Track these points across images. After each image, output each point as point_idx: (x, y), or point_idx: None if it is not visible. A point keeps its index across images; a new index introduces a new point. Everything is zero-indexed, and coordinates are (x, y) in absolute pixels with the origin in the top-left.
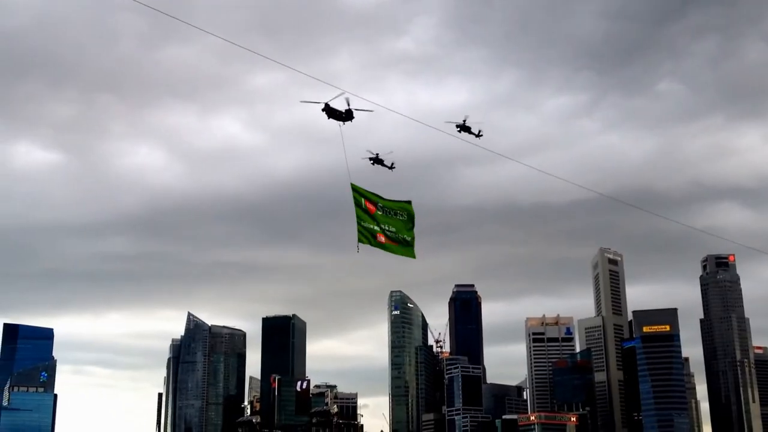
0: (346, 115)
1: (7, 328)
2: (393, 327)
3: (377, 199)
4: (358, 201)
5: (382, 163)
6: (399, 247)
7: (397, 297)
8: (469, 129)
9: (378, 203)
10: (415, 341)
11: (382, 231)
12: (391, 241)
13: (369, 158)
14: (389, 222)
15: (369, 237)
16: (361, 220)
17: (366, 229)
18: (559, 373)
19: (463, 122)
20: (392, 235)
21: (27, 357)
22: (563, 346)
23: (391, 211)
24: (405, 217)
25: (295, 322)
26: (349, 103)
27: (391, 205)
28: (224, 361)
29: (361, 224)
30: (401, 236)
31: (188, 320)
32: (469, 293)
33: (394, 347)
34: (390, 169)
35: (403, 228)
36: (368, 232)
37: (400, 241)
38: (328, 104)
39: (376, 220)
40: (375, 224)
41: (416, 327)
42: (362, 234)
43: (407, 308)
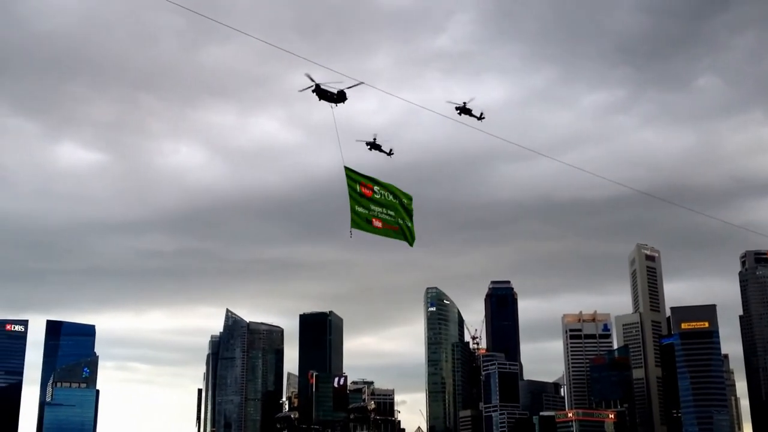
0: (338, 96)
1: (50, 324)
2: (429, 323)
3: (374, 183)
4: (352, 185)
5: (379, 148)
6: (397, 232)
7: (433, 293)
8: (470, 111)
9: (375, 187)
10: (452, 338)
11: (378, 216)
12: (389, 226)
13: (366, 143)
14: (387, 206)
15: (363, 222)
16: (355, 205)
17: (360, 214)
18: (597, 369)
19: (463, 104)
20: (390, 220)
21: (70, 353)
22: (600, 343)
23: (390, 195)
24: (406, 201)
25: (332, 318)
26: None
27: (390, 188)
28: (262, 358)
29: (355, 209)
30: (400, 221)
31: (227, 317)
32: (505, 289)
33: (430, 344)
34: (388, 155)
35: (402, 213)
36: (363, 217)
37: (400, 225)
38: (319, 85)
39: (372, 204)
40: (371, 209)
41: (452, 323)
42: (356, 219)
43: (443, 305)
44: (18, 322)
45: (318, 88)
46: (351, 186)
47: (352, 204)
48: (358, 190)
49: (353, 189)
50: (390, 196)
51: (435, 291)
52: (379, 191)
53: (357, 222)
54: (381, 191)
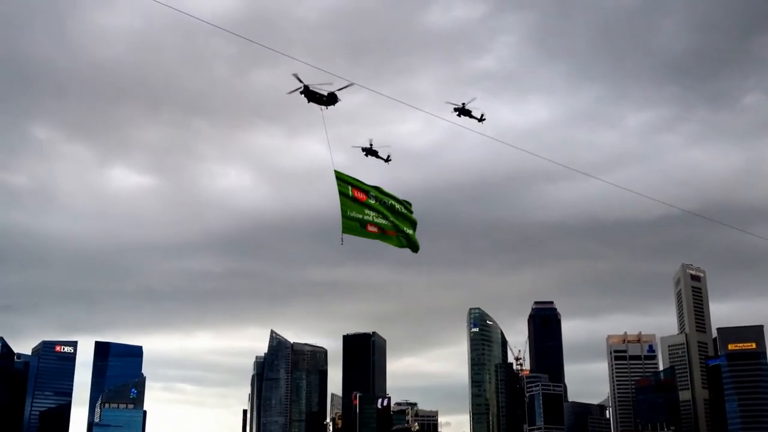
0: (328, 98)
1: (98, 346)
2: (472, 344)
3: (368, 188)
4: (344, 189)
5: (376, 154)
6: (394, 238)
7: (476, 314)
8: (469, 113)
9: (369, 192)
10: (495, 358)
11: (373, 221)
12: (385, 231)
13: (362, 148)
14: (382, 211)
15: (357, 227)
16: (347, 210)
17: (353, 218)
18: (642, 391)
19: (462, 105)
20: (386, 225)
21: (118, 374)
22: (646, 364)
23: (387, 202)
24: (404, 210)
25: (376, 339)
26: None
27: (386, 193)
28: (306, 378)
29: (347, 213)
30: (399, 227)
31: (271, 338)
32: (548, 310)
33: (473, 364)
34: (386, 161)
35: (400, 220)
36: (356, 222)
37: (399, 231)
38: (308, 87)
39: (367, 208)
40: (365, 213)
41: (496, 344)
42: (348, 223)
43: (486, 325)
44: (68, 344)
45: (307, 90)
46: (342, 190)
47: (344, 208)
48: (350, 194)
49: (345, 193)
50: (386, 201)
51: (478, 311)
52: (374, 196)
53: (349, 227)
54: (376, 195)
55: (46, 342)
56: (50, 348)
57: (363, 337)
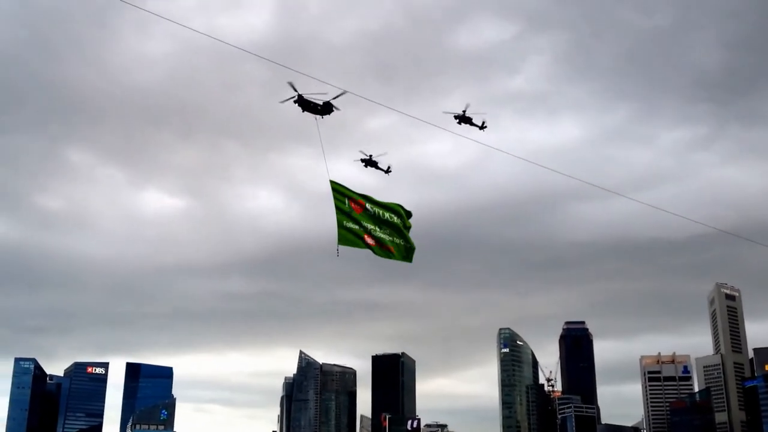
0: (323, 108)
1: (129, 367)
2: (503, 365)
3: (366, 199)
4: (341, 200)
5: (376, 165)
6: (392, 253)
7: (506, 334)
8: (470, 120)
9: (366, 204)
10: (526, 380)
11: (370, 233)
12: (383, 245)
13: (361, 159)
14: (380, 223)
15: (353, 239)
16: (343, 221)
17: (349, 230)
18: (677, 413)
19: (462, 112)
20: (385, 239)
21: (148, 395)
22: (681, 386)
23: (384, 213)
24: (399, 220)
25: (405, 360)
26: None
27: (385, 204)
28: (335, 400)
29: (343, 224)
30: (396, 240)
31: (300, 358)
32: (580, 330)
33: (504, 386)
34: (386, 172)
35: (397, 231)
36: (352, 234)
37: (396, 244)
38: (301, 96)
39: (364, 220)
40: (362, 224)
41: (526, 365)
42: (345, 235)
43: (517, 346)
44: (99, 365)
45: (301, 99)
46: (338, 201)
47: (340, 219)
48: (346, 205)
49: (341, 204)
50: (384, 213)
51: (508, 332)
52: (372, 208)
53: (345, 238)
54: (373, 208)
55: (78, 363)
56: (82, 369)
57: (392, 358)
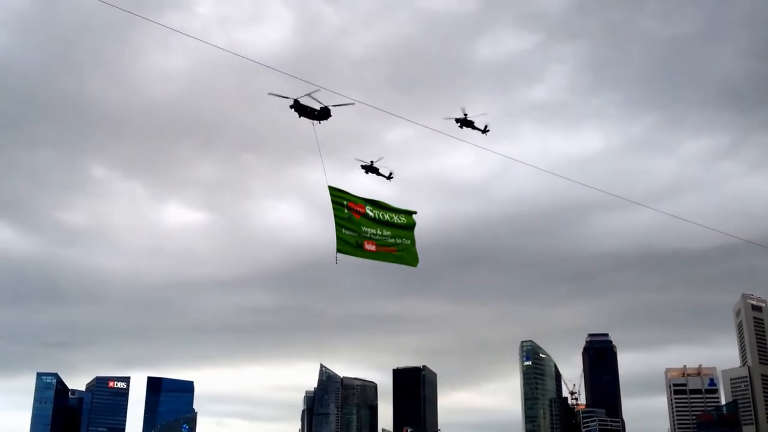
0: (320, 113)
1: (151, 381)
2: (525, 378)
3: (365, 203)
4: (339, 205)
5: (377, 171)
6: (394, 255)
7: (528, 347)
8: (471, 124)
9: (366, 207)
10: (549, 393)
11: (370, 238)
12: (384, 248)
13: (361, 166)
14: (381, 226)
15: (352, 246)
16: (342, 227)
17: (348, 237)
18: (704, 426)
19: (464, 116)
20: (386, 242)
21: (169, 409)
22: (707, 398)
23: (385, 215)
24: (403, 221)
25: (426, 373)
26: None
27: (386, 206)
28: (356, 413)
29: (342, 231)
30: (398, 241)
31: (321, 372)
32: (603, 342)
33: (527, 399)
34: (388, 179)
35: (400, 232)
36: (352, 241)
37: (398, 246)
38: (297, 101)
39: (364, 225)
40: (361, 230)
41: (549, 378)
42: (343, 243)
43: (539, 358)
44: (120, 379)
45: (297, 104)
46: (337, 207)
47: (338, 227)
48: (345, 211)
49: (339, 210)
50: (386, 215)
51: (530, 344)
52: (372, 211)
53: (344, 247)
54: (374, 211)
55: (100, 378)
56: (103, 384)
57: (413, 371)
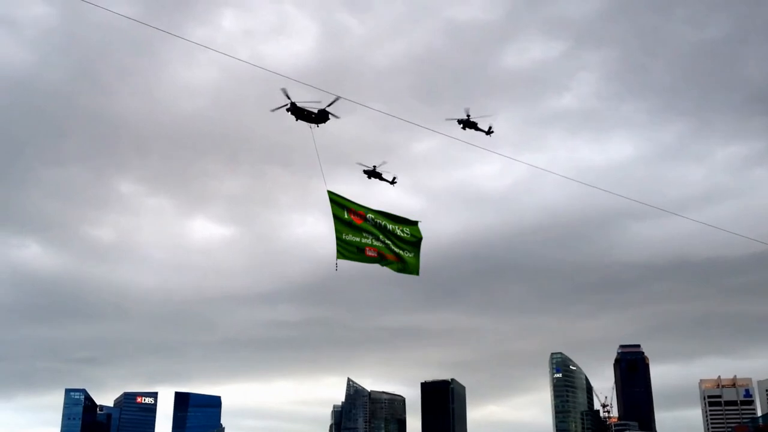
0: (318, 116)
1: (178, 396)
2: (556, 391)
3: (366, 210)
4: (339, 212)
5: (380, 176)
6: (396, 263)
7: (558, 359)
8: (475, 125)
9: (367, 214)
10: (580, 405)
11: (372, 244)
12: (386, 255)
13: (363, 171)
14: (382, 233)
15: (353, 252)
16: (342, 233)
17: (349, 242)
18: None
19: (467, 117)
20: (387, 249)
21: (197, 424)
22: (743, 410)
23: (387, 224)
24: (408, 234)
25: (454, 386)
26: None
27: (385, 218)
28: (385, 427)
29: (342, 237)
30: (399, 250)
31: (348, 386)
32: (635, 354)
33: (558, 412)
34: (391, 183)
35: (402, 241)
36: (353, 246)
37: (399, 254)
38: (294, 104)
39: (365, 231)
40: (362, 236)
41: (580, 390)
42: (343, 249)
43: (570, 371)
44: (148, 395)
45: (294, 107)
46: (337, 213)
47: (338, 233)
48: (345, 217)
49: (340, 216)
50: (389, 225)
51: (560, 356)
52: (373, 218)
53: (344, 252)
54: (375, 218)
55: (128, 393)
56: (131, 399)
57: (441, 385)
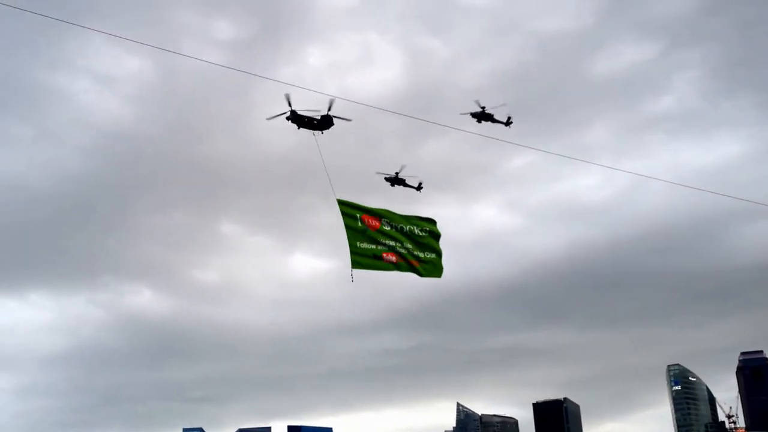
0: (320, 122)
1: (291, 429)
2: (676, 404)
3: (380, 213)
4: (352, 219)
5: (403, 183)
6: (416, 268)
7: (675, 371)
8: (491, 117)
9: (383, 219)
10: (703, 418)
11: (390, 249)
12: (406, 260)
13: (385, 178)
14: (401, 238)
15: (369, 260)
16: (356, 242)
17: (365, 250)
18: None
19: (482, 109)
20: (407, 253)
21: None
22: None
23: (405, 226)
24: (425, 233)
25: (568, 405)
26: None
27: (402, 220)
28: None
29: (356, 245)
30: (420, 254)
31: (458, 411)
32: (759, 360)
33: (680, 426)
34: (417, 190)
35: (421, 245)
36: (369, 254)
37: (420, 259)
38: (294, 111)
39: (382, 236)
40: (379, 242)
41: (702, 402)
42: (358, 257)
43: (689, 382)
44: (262, 430)
45: (294, 115)
46: (349, 221)
47: (351, 241)
48: (359, 224)
49: (353, 224)
50: (406, 226)
51: (677, 368)
52: (389, 222)
53: (360, 261)
54: (393, 222)
55: (242, 430)
56: None
57: (554, 404)
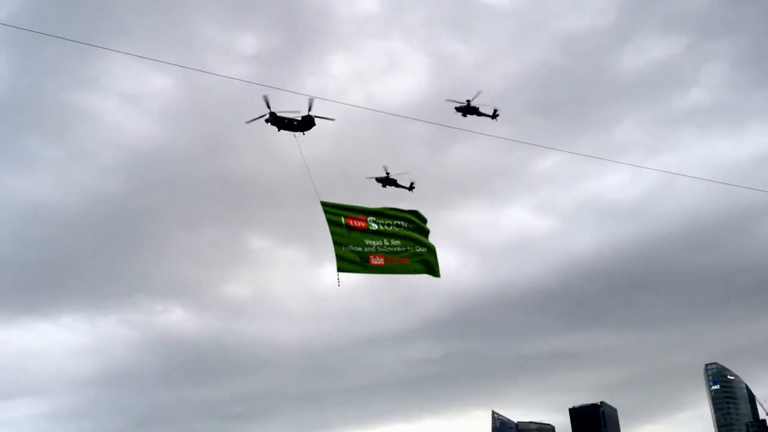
0: (301, 123)
1: None
2: (715, 403)
3: (366, 213)
4: (336, 221)
5: (395, 183)
6: (406, 265)
7: (713, 370)
8: (476, 110)
9: (369, 218)
10: (744, 417)
11: (377, 251)
12: (396, 259)
13: (376, 179)
14: (389, 236)
15: (356, 263)
16: (341, 245)
17: (350, 253)
18: None
19: (467, 103)
20: (396, 252)
21: None
22: None
23: (391, 224)
24: (413, 226)
25: (605, 409)
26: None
27: (391, 213)
28: None
29: (341, 249)
30: (410, 249)
31: (493, 419)
32: None
33: (720, 426)
34: (409, 190)
35: (413, 240)
36: (354, 257)
37: (410, 255)
38: (273, 113)
39: (368, 237)
40: (365, 244)
41: (742, 401)
42: (343, 261)
43: (728, 381)
44: None
45: (274, 117)
46: (333, 223)
47: (337, 245)
48: (343, 225)
49: (337, 226)
50: (393, 223)
51: (715, 367)
52: (376, 221)
53: (345, 265)
54: (379, 220)
55: None
56: None
57: (591, 409)
